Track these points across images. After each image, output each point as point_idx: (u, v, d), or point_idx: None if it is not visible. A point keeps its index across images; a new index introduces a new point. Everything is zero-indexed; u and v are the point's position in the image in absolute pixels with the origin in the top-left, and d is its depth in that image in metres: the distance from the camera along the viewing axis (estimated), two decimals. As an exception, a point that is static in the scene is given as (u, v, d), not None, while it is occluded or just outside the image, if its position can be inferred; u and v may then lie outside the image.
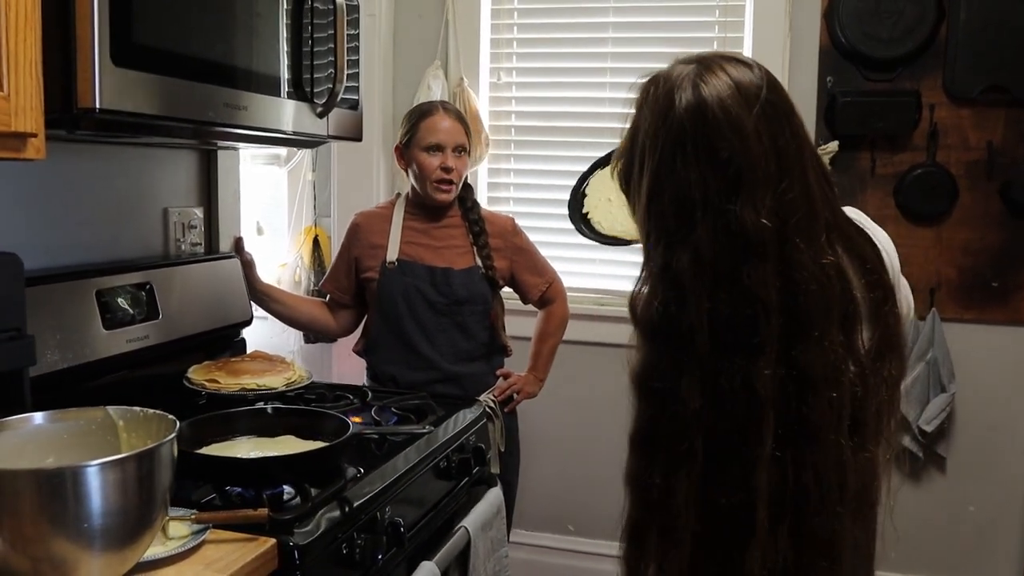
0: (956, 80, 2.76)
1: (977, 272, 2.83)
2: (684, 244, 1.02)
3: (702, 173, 1.01)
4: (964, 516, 2.92)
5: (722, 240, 1.01)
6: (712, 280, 1.01)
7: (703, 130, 1.01)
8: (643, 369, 1.06)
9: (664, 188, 1.03)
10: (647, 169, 1.04)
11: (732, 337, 1.01)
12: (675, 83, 1.05)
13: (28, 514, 0.99)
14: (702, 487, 1.03)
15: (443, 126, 2.29)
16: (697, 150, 1.01)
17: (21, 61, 1.14)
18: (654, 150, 1.04)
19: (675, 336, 1.02)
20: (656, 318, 1.04)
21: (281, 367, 2.00)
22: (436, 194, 2.29)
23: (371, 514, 1.48)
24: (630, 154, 1.09)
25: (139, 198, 2.01)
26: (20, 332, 1.30)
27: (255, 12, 1.63)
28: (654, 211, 1.04)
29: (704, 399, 1.01)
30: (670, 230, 1.03)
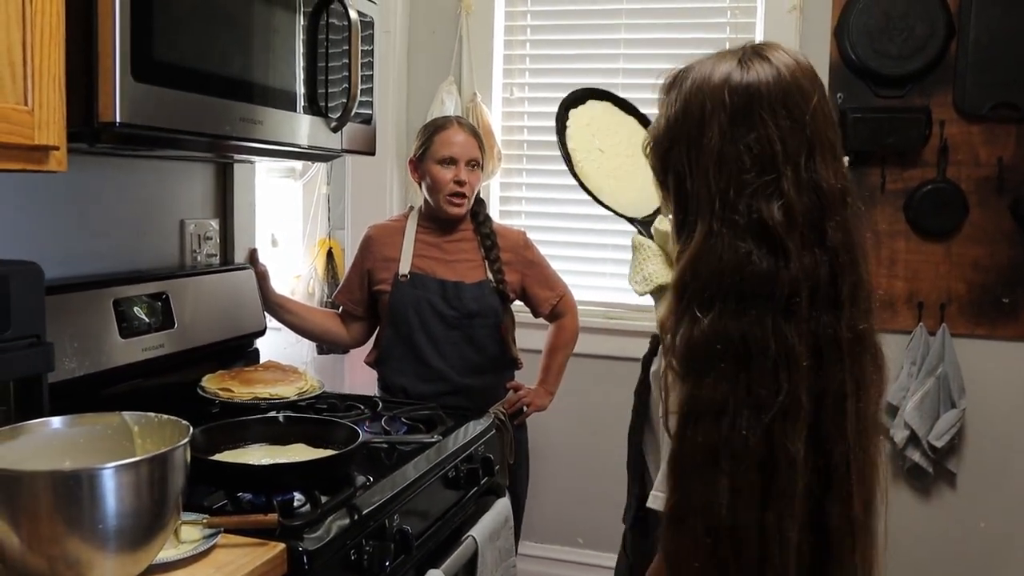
0: (966, 97, 2.77)
1: (987, 288, 2.83)
2: (770, 196, 1.04)
3: (781, 132, 1.05)
4: (975, 532, 2.91)
5: (806, 195, 1.05)
6: (800, 235, 1.05)
7: (779, 94, 1.06)
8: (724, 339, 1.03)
9: (738, 147, 1.05)
10: (713, 133, 1.06)
11: (823, 293, 1.05)
12: (731, 60, 1.10)
13: (45, 515, 1.02)
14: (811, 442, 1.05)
15: (457, 140, 2.32)
16: (775, 111, 1.06)
17: (45, 76, 1.18)
18: (717, 115, 1.07)
19: (769, 289, 1.03)
20: (748, 273, 1.03)
21: (293, 377, 2.02)
22: (448, 207, 2.31)
23: (380, 522, 1.50)
24: (675, 128, 1.11)
25: (157, 210, 2.05)
26: (39, 339, 1.33)
27: (272, 28, 1.66)
28: (726, 170, 1.05)
29: (811, 356, 1.04)
30: (748, 183, 1.05)
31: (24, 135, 1.16)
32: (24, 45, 1.15)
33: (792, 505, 1.03)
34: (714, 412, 1.02)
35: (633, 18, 3.11)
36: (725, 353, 1.03)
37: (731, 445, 1.02)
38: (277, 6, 1.67)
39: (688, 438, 1.04)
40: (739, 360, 1.03)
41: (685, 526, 1.04)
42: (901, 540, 2.96)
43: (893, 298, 2.90)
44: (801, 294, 1.03)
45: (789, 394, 1.02)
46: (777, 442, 1.02)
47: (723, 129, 1.06)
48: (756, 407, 1.02)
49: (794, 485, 1.03)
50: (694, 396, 1.04)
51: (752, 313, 1.03)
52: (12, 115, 1.14)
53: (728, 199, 1.05)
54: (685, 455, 1.04)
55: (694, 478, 1.03)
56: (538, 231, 3.06)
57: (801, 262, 1.04)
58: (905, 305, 2.90)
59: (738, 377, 1.02)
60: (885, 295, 2.91)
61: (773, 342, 1.02)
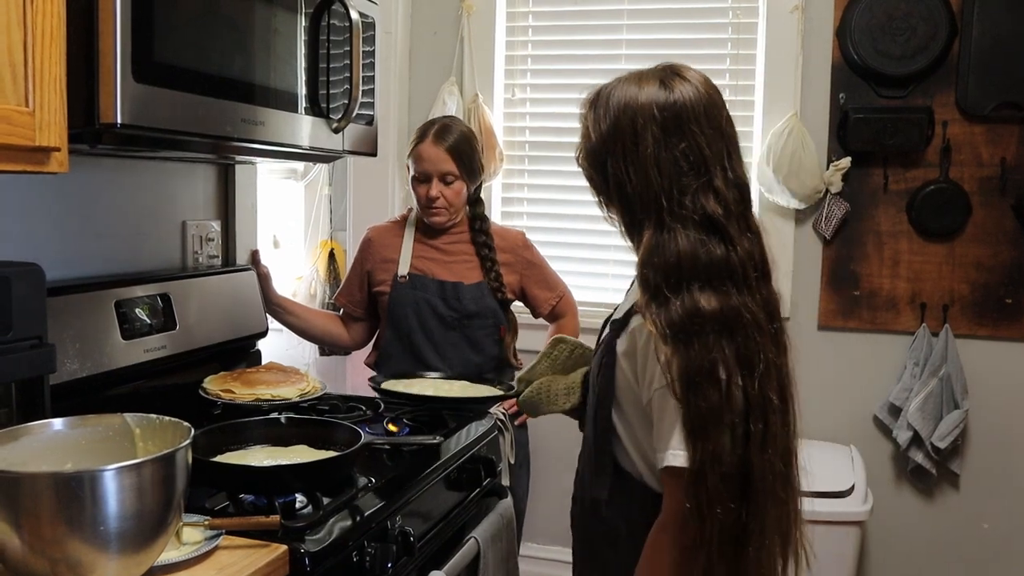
0: (969, 97, 2.77)
1: (990, 289, 2.83)
2: (707, 193, 1.25)
3: (707, 138, 1.27)
4: (978, 534, 2.91)
5: (732, 190, 1.28)
6: (736, 223, 1.27)
7: (701, 108, 1.28)
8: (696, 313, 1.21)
9: (674, 154, 1.26)
10: (648, 142, 1.26)
11: (761, 270, 1.28)
12: (653, 81, 1.31)
13: (47, 516, 1.02)
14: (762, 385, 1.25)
15: (428, 156, 2.30)
16: (699, 122, 1.27)
17: (46, 77, 1.18)
18: (649, 128, 1.26)
19: (729, 271, 1.24)
20: (706, 258, 1.23)
21: (295, 378, 2.02)
22: (428, 218, 2.33)
23: (382, 523, 1.50)
24: (609, 141, 1.30)
25: (158, 211, 2.05)
26: (41, 341, 1.33)
27: (273, 29, 1.66)
28: (665, 174, 1.25)
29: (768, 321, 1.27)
30: (688, 184, 1.26)
31: (25, 136, 1.16)
32: (25, 46, 1.15)
33: (778, 443, 1.26)
34: (708, 376, 1.20)
35: (635, 19, 3.11)
36: (704, 326, 1.21)
37: (732, 402, 1.21)
38: (278, 7, 1.67)
39: (693, 401, 1.20)
40: (721, 330, 1.21)
41: (705, 478, 1.20)
42: (904, 541, 2.95)
43: (896, 299, 2.90)
44: (750, 271, 1.26)
45: (764, 353, 1.24)
46: (765, 394, 1.24)
47: (657, 140, 1.26)
48: (748, 367, 1.23)
49: (776, 427, 1.26)
50: (685, 365, 1.21)
51: (721, 290, 1.23)
52: (13, 116, 1.14)
53: (673, 198, 1.25)
54: (694, 417, 1.21)
55: (706, 436, 1.20)
56: (539, 232, 3.06)
57: (743, 245, 1.26)
58: (908, 306, 2.89)
59: (723, 344, 1.21)
60: (888, 296, 2.90)
61: (745, 312, 1.23)
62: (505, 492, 2.02)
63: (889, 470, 2.96)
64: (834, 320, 2.95)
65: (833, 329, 2.96)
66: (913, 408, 2.79)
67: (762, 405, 1.23)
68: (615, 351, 1.34)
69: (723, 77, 3.01)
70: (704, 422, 1.20)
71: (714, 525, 1.21)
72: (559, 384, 1.63)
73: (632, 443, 1.35)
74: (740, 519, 1.23)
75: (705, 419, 1.20)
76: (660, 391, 1.25)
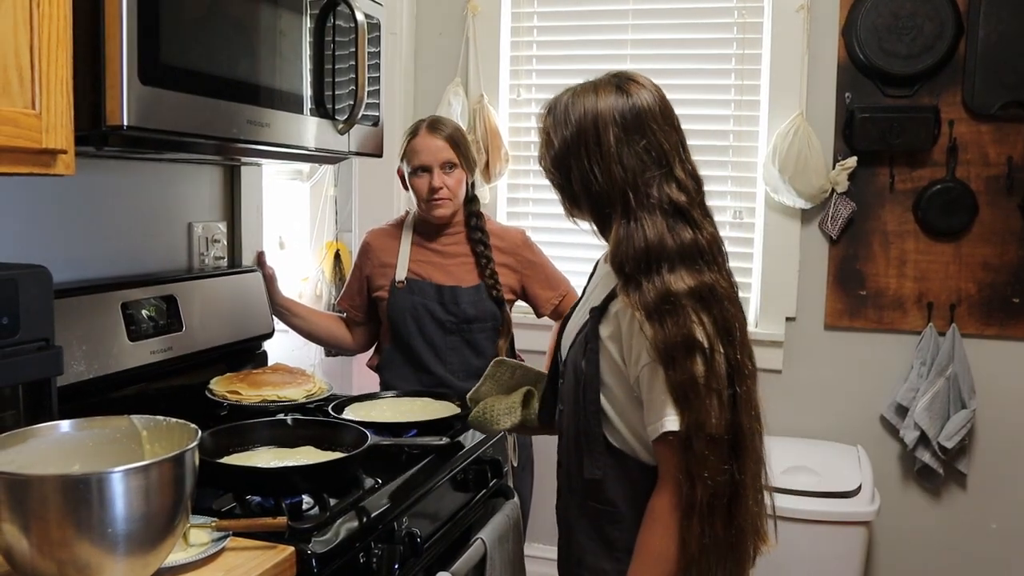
0: (975, 96, 2.76)
1: (997, 288, 2.82)
2: (670, 182, 1.37)
3: (664, 134, 1.39)
4: (986, 533, 2.90)
5: (690, 179, 1.40)
6: (698, 208, 1.39)
7: (657, 108, 1.40)
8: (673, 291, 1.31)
9: (636, 149, 1.36)
10: (610, 142, 1.37)
11: (722, 251, 1.41)
12: (609, 88, 1.43)
13: (54, 519, 1.02)
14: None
15: (425, 146, 2.30)
16: (656, 120, 1.39)
17: (52, 80, 1.18)
18: (611, 129, 1.37)
19: (698, 251, 1.35)
20: (677, 243, 1.34)
21: (301, 379, 2.02)
22: (432, 211, 2.31)
23: (388, 524, 1.50)
24: (572, 144, 1.40)
25: (164, 213, 2.05)
26: (48, 343, 1.33)
27: (278, 31, 1.66)
28: (629, 168, 1.36)
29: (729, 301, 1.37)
30: (652, 176, 1.36)
31: (32, 139, 1.16)
32: (31, 49, 1.15)
33: (752, 405, 1.38)
34: (688, 347, 1.30)
35: (640, 19, 3.10)
36: (678, 302, 1.31)
37: (717, 368, 1.31)
38: (283, 8, 1.68)
39: (677, 372, 1.30)
40: (697, 304, 1.32)
41: (694, 443, 1.30)
42: (911, 541, 2.95)
43: (903, 298, 2.89)
44: (716, 252, 1.38)
45: (740, 323, 1.37)
46: (741, 360, 1.35)
47: (618, 138, 1.36)
48: (727, 335, 1.34)
49: (752, 391, 1.38)
50: (665, 339, 1.30)
51: (694, 269, 1.34)
52: (20, 119, 1.14)
53: (640, 190, 1.36)
54: (680, 386, 1.30)
55: (693, 403, 1.30)
56: (545, 232, 3.06)
57: (707, 228, 1.38)
58: (915, 305, 2.88)
59: (701, 317, 1.31)
60: (895, 296, 2.90)
61: (719, 287, 1.35)
62: (511, 493, 2.02)
63: (896, 470, 2.95)
64: (840, 320, 2.94)
65: (840, 329, 2.95)
66: (920, 408, 2.79)
67: (741, 370, 1.35)
68: (599, 336, 1.41)
69: (728, 77, 3.00)
70: (690, 390, 1.30)
71: (707, 487, 1.30)
72: (501, 404, 1.69)
73: (623, 421, 1.42)
74: (733, 478, 1.34)
75: (691, 387, 1.30)
76: (647, 367, 1.33)
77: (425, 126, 2.34)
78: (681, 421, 1.30)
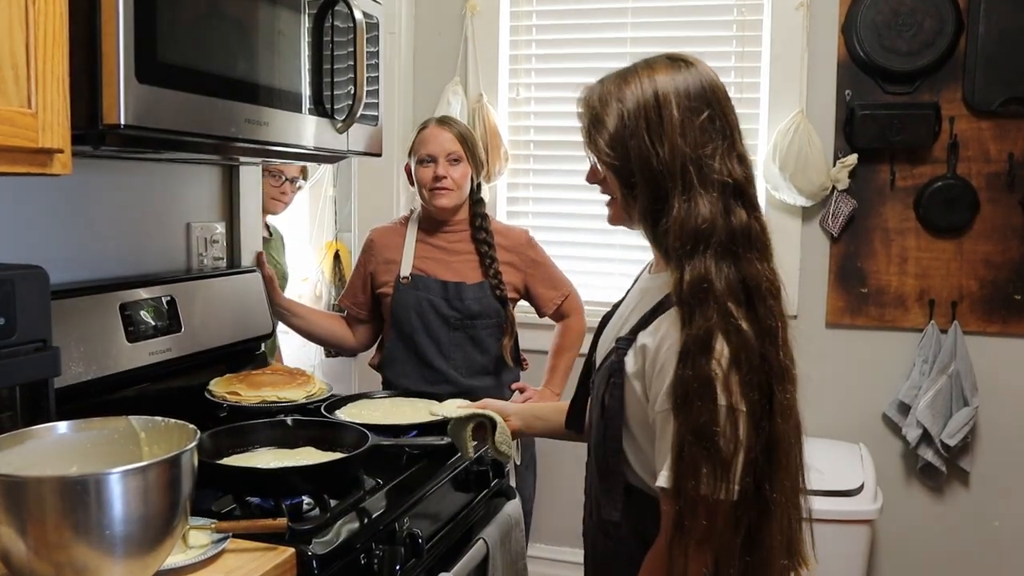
0: (976, 92, 2.75)
1: (999, 285, 2.81)
2: (731, 157, 1.27)
3: (724, 109, 1.30)
4: (989, 531, 2.89)
5: (747, 160, 1.31)
6: (754, 191, 1.30)
7: (713, 84, 1.31)
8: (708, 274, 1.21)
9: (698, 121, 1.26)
10: (672, 113, 1.26)
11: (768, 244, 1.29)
12: (665, 64, 1.32)
13: (52, 521, 1.01)
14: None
15: (433, 136, 2.34)
16: (716, 94, 1.30)
17: (49, 79, 1.17)
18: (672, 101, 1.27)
19: (752, 238, 1.25)
20: (730, 224, 1.24)
21: (301, 380, 2.01)
22: (434, 200, 2.31)
23: (389, 525, 1.49)
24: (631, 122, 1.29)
25: (162, 213, 2.04)
26: (46, 344, 1.32)
27: (277, 29, 1.65)
28: (690, 140, 1.25)
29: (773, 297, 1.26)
30: (714, 149, 1.26)
31: (28, 138, 1.15)
32: (27, 48, 1.14)
33: (795, 415, 1.28)
34: (704, 344, 1.18)
35: (639, 17, 3.09)
36: (709, 290, 1.20)
37: (751, 364, 1.19)
38: (282, 7, 1.67)
39: (689, 372, 1.18)
40: (737, 296, 1.21)
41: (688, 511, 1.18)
42: (914, 539, 2.94)
43: (904, 296, 2.88)
44: (767, 241, 1.28)
45: (782, 321, 1.25)
46: (783, 362, 1.24)
47: (681, 109, 1.27)
48: (768, 335, 1.22)
49: (792, 397, 1.27)
50: (689, 334, 1.19)
51: (739, 256, 1.23)
52: (16, 118, 1.13)
53: (701, 164, 1.25)
54: (687, 383, 1.18)
55: (699, 403, 1.18)
56: (545, 231, 3.05)
57: (761, 214, 1.29)
58: (916, 303, 2.87)
59: (735, 311, 1.20)
60: (896, 293, 2.89)
61: (764, 279, 1.24)
62: (513, 493, 2.01)
63: (899, 468, 2.94)
64: (842, 318, 2.94)
65: (841, 327, 2.95)
66: (922, 405, 2.78)
67: (781, 373, 1.24)
68: (624, 371, 1.31)
69: (728, 75, 3.00)
70: (696, 391, 1.18)
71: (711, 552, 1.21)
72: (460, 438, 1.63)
73: (640, 462, 1.33)
74: (763, 494, 1.23)
75: (697, 388, 1.18)
76: (663, 413, 1.23)
77: (435, 120, 2.41)
78: (672, 478, 1.19)
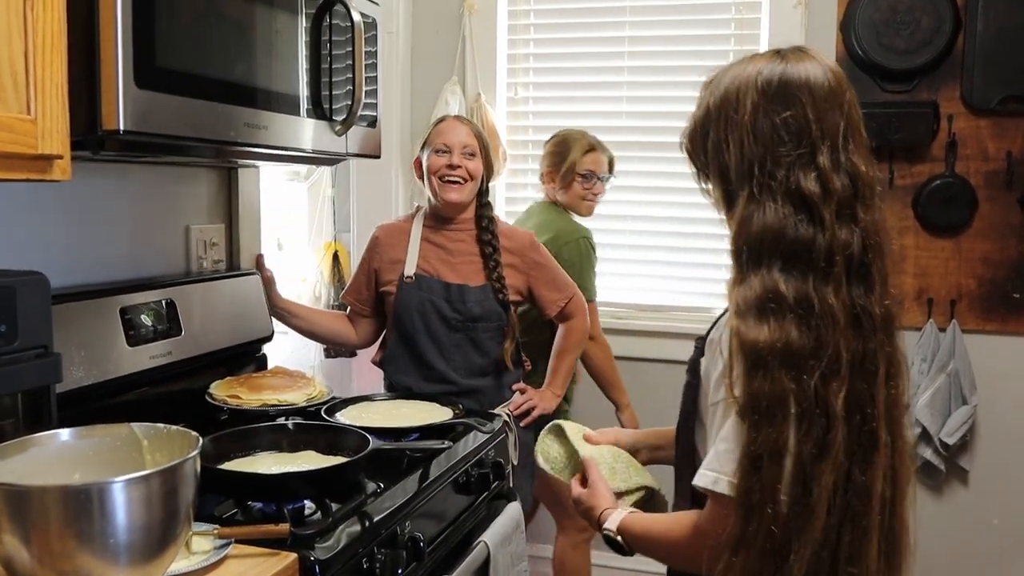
0: (974, 90, 2.76)
1: (997, 283, 2.82)
2: (806, 168, 1.15)
3: (817, 111, 1.16)
4: (987, 530, 2.90)
5: (841, 175, 1.16)
6: (835, 208, 1.15)
7: (815, 79, 1.17)
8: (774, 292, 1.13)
9: (773, 121, 1.16)
10: (746, 107, 1.17)
11: (856, 266, 1.15)
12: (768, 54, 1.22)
13: (55, 529, 1.01)
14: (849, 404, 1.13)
15: (451, 128, 2.36)
16: (811, 92, 1.17)
17: (47, 85, 1.17)
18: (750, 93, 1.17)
19: (813, 254, 1.13)
20: (790, 236, 1.14)
21: (302, 383, 2.01)
22: (444, 193, 2.30)
23: (391, 529, 1.49)
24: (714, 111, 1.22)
25: (161, 216, 2.04)
26: (47, 350, 1.32)
27: (274, 32, 1.65)
28: (761, 140, 1.16)
29: (849, 320, 1.14)
30: (784, 154, 1.15)
31: (28, 144, 1.15)
32: (26, 54, 1.14)
33: (839, 459, 1.12)
34: (775, 360, 1.10)
35: (637, 16, 3.09)
36: (777, 307, 1.12)
37: (799, 393, 1.10)
38: (279, 9, 1.66)
39: (755, 387, 1.11)
40: (789, 314, 1.12)
41: (760, 469, 1.10)
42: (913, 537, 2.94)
43: (902, 294, 2.88)
44: (837, 262, 1.13)
45: (832, 349, 1.11)
46: (826, 396, 1.11)
47: (756, 105, 1.17)
48: (812, 358, 1.11)
49: (834, 440, 1.11)
50: (753, 346, 1.11)
51: (795, 273, 1.13)
52: (15, 125, 1.13)
53: (766, 168, 1.16)
54: (753, 402, 1.11)
55: (764, 423, 1.10)
56: (544, 231, 3.04)
57: (835, 232, 1.14)
58: (915, 301, 2.88)
59: (790, 329, 1.11)
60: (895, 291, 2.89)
61: (816, 300, 1.12)
62: (514, 495, 2.01)
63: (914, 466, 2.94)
64: (841, 316, 2.94)
65: (840, 325, 2.94)
66: (921, 404, 2.78)
67: (822, 406, 1.11)
68: (698, 370, 1.27)
69: (726, 73, 2.99)
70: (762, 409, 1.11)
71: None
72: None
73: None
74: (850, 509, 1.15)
75: (764, 407, 1.11)
76: (713, 406, 1.19)
77: (452, 116, 2.44)
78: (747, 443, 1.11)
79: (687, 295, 3.16)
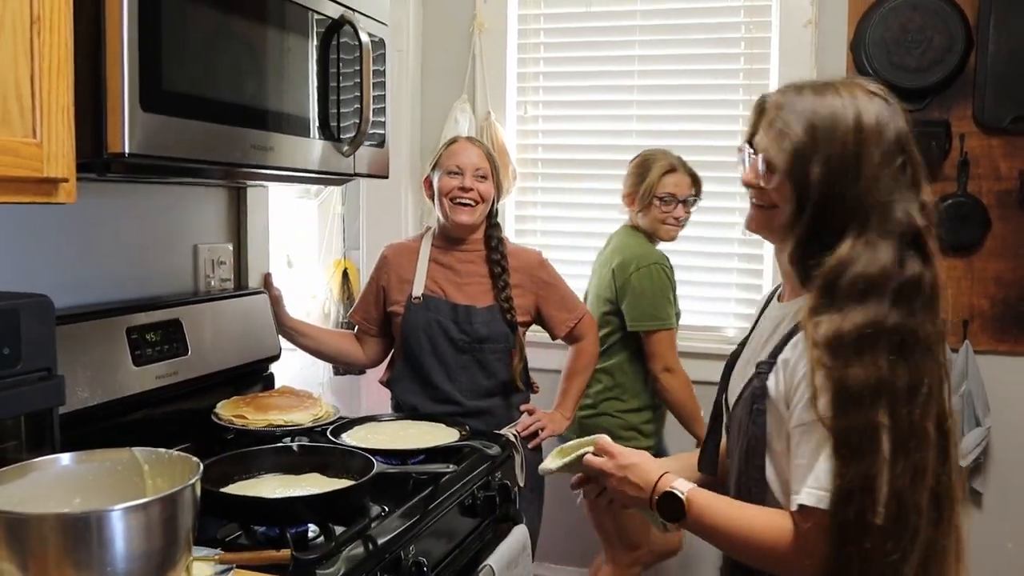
0: (986, 109, 2.74)
1: (1010, 303, 2.79)
2: (916, 206, 1.23)
3: (915, 153, 1.26)
4: (1002, 553, 2.86)
5: (931, 206, 1.25)
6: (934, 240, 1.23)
7: (910, 128, 1.27)
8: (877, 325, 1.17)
9: (893, 169, 1.23)
10: (872, 155, 1.23)
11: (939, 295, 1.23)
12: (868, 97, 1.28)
13: (53, 557, 1.00)
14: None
15: (464, 149, 2.35)
16: (912, 139, 1.26)
17: (53, 108, 1.17)
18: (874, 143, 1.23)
19: (922, 289, 1.20)
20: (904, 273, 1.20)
21: (308, 403, 2.00)
22: (455, 215, 2.29)
23: (395, 553, 1.48)
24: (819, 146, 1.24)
25: (169, 235, 2.04)
26: (50, 373, 1.32)
27: (282, 53, 1.65)
28: (885, 188, 1.22)
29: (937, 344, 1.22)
30: (902, 197, 1.22)
31: (33, 168, 1.15)
32: (32, 78, 1.14)
33: (926, 479, 1.18)
34: (868, 394, 1.14)
35: (647, 35, 3.09)
36: (876, 341, 1.16)
37: (897, 424, 1.15)
38: (287, 31, 1.66)
39: (846, 421, 1.15)
40: (891, 348, 1.17)
41: (851, 502, 1.14)
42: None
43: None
44: (939, 294, 1.22)
45: (930, 378, 1.18)
46: (923, 422, 1.17)
47: (882, 152, 1.23)
48: (913, 389, 1.17)
49: (929, 462, 1.18)
50: (843, 381, 1.15)
51: (904, 307, 1.18)
52: (21, 148, 1.13)
53: (887, 211, 1.21)
54: (845, 436, 1.15)
55: (857, 457, 1.14)
56: (554, 249, 3.04)
57: (935, 266, 1.22)
58: (927, 321, 2.85)
59: (891, 363, 1.16)
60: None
61: (921, 332, 1.19)
62: (520, 517, 2.00)
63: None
64: (852, 336, 2.91)
65: (851, 345, 2.92)
66: (934, 426, 2.75)
67: (917, 435, 1.17)
68: (767, 394, 1.28)
69: (736, 92, 2.99)
70: (855, 444, 1.15)
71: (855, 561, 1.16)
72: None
73: (784, 491, 1.27)
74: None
75: (856, 440, 1.15)
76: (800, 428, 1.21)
77: (464, 137, 2.44)
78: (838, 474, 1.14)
79: (699, 315, 3.13)
